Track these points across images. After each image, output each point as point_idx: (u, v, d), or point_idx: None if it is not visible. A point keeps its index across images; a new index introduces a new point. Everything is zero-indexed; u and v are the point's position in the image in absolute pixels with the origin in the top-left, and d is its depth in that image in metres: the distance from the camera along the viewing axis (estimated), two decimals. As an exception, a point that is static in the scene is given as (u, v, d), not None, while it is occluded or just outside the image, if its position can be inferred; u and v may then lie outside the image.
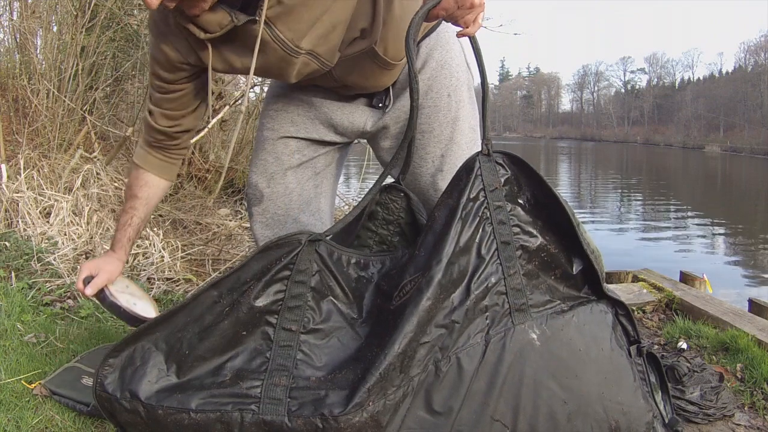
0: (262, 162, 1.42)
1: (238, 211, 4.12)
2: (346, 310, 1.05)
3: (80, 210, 2.93)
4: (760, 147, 44.04)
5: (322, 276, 1.05)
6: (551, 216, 1.09)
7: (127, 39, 4.46)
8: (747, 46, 64.28)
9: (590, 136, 76.28)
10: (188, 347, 1.00)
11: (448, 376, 0.98)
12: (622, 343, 1.11)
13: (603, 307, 1.12)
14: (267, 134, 1.42)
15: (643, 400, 1.10)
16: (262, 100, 6.84)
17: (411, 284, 1.00)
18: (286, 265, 1.03)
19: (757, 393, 1.62)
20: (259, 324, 1.01)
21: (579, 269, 1.11)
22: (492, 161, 1.10)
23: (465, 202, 1.05)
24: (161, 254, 2.61)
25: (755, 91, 56.41)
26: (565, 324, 1.06)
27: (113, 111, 4.78)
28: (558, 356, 1.04)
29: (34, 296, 2.07)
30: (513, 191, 1.10)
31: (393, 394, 0.93)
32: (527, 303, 1.05)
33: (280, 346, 1.00)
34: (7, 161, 3.31)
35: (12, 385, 1.39)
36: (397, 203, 1.25)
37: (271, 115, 1.43)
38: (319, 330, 1.02)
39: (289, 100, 1.40)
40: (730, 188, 18.74)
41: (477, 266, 1.03)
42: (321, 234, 1.08)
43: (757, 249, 8.15)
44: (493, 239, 1.05)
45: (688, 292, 2.41)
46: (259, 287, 1.01)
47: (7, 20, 4.56)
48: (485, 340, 1.01)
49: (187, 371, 1.00)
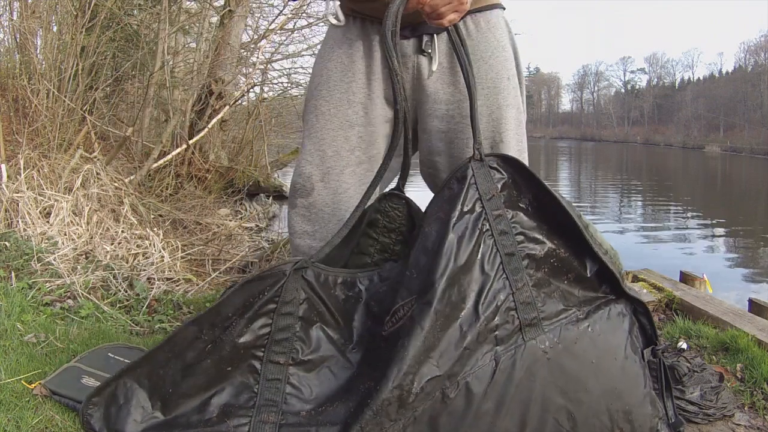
0: (320, 154, 1.29)
1: (238, 211, 4.12)
2: (335, 336, 1.00)
3: (80, 210, 2.93)
4: (760, 147, 44.01)
5: (310, 303, 1.00)
6: (557, 217, 1.03)
7: (127, 39, 4.47)
8: (747, 46, 64.34)
9: (590, 136, 76.23)
10: (171, 384, 0.97)
11: (455, 401, 0.93)
12: (638, 346, 1.07)
13: (621, 308, 1.06)
14: (323, 122, 1.30)
15: (650, 406, 1.07)
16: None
17: (403, 310, 0.95)
18: (270, 299, 0.98)
19: (757, 393, 1.62)
20: (245, 358, 0.97)
21: (594, 271, 1.05)
22: (485, 166, 1.02)
23: (458, 215, 0.98)
24: (161, 254, 2.61)
25: (755, 91, 56.37)
26: (580, 336, 1.01)
27: (113, 111, 4.78)
28: (568, 370, 0.99)
29: (34, 296, 2.07)
30: (512, 196, 1.03)
31: (391, 428, 0.89)
32: (538, 316, 0.99)
33: (268, 379, 0.96)
34: (7, 161, 3.31)
35: (12, 385, 1.39)
36: (398, 211, 1.20)
37: (324, 96, 1.30)
38: (309, 361, 0.98)
39: (343, 69, 1.29)
40: (730, 188, 18.73)
41: (483, 284, 0.96)
42: (307, 260, 1.02)
43: (757, 249, 8.14)
44: (496, 252, 0.98)
45: (688, 292, 2.41)
46: (242, 324, 0.96)
47: (7, 20, 4.56)
48: (494, 360, 0.95)
49: (173, 408, 0.96)
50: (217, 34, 6.01)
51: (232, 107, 4.85)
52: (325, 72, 1.31)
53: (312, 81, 1.35)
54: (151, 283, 2.42)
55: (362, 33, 1.28)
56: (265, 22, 7.15)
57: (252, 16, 7.00)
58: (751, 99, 56.37)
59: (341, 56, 1.29)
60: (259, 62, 6.53)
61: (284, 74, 7.52)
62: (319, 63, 1.34)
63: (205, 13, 6.23)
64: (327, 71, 1.31)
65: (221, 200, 5.13)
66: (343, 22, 1.28)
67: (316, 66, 1.35)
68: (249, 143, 6.55)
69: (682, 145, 55.78)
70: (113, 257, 2.68)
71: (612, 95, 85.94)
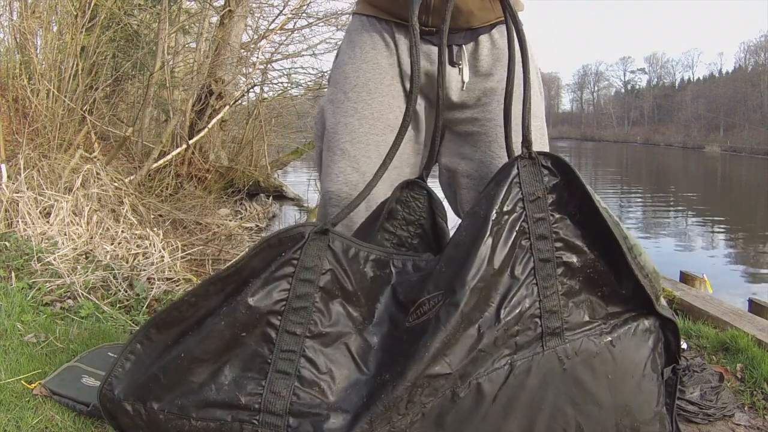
0: (366, 160, 1.21)
1: (238, 211, 4.12)
2: (355, 314, 0.97)
3: (80, 210, 2.93)
4: (760, 147, 44.03)
5: (333, 275, 0.96)
6: (602, 229, 0.99)
7: (127, 39, 4.47)
8: (747, 46, 64.38)
9: (590, 136, 76.25)
10: (185, 350, 0.96)
11: (464, 401, 0.91)
12: (658, 364, 1.03)
13: (649, 324, 1.02)
14: (367, 127, 1.22)
15: (659, 424, 1.05)
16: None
17: (429, 304, 0.93)
18: (287, 261, 0.94)
19: (757, 393, 1.62)
20: (260, 325, 0.95)
21: (630, 288, 1.00)
22: (537, 165, 0.98)
23: (497, 215, 0.94)
24: (161, 254, 2.61)
25: (755, 91, 56.39)
26: (600, 350, 0.98)
27: (113, 111, 4.78)
28: (583, 383, 0.97)
29: (34, 296, 2.07)
30: (563, 199, 0.98)
31: (399, 422, 0.88)
32: (562, 326, 0.96)
33: (283, 350, 0.93)
34: (7, 161, 3.31)
35: (12, 385, 1.39)
36: (420, 201, 1.15)
37: (365, 99, 1.23)
38: (327, 334, 0.95)
39: (381, 71, 1.24)
40: (730, 188, 18.74)
41: (509, 288, 0.93)
42: (326, 223, 0.97)
43: (757, 249, 8.14)
44: (530, 257, 0.95)
45: (688, 292, 2.41)
46: (257, 284, 0.94)
47: (7, 20, 4.56)
48: (510, 365, 0.93)
49: (186, 374, 0.95)
50: (217, 34, 6.01)
51: (232, 107, 4.86)
52: (362, 74, 1.25)
53: (344, 82, 1.27)
54: (151, 283, 2.42)
55: (390, 35, 1.25)
56: (265, 22, 7.17)
57: (252, 16, 7.00)
58: (751, 99, 56.39)
59: (377, 57, 1.25)
60: (259, 62, 6.53)
61: (284, 74, 7.53)
62: (350, 63, 1.27)
63: (205, 13, 6.23)
64: (363, 72, 1.25)
65: (221, 200, 5.13)
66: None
67: (348, 66, 1.28)
68: (249, 143, 6.55)
69: (682, 145, 55.81)
70: (113, 257, 2.68)
71: (612, 95, 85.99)
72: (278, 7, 6.96)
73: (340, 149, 1.23)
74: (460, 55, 1.23)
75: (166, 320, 0.99)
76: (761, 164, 31.47)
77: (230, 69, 6.13)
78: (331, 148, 1.25)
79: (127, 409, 0.97)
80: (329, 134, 1.26)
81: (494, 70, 1.24)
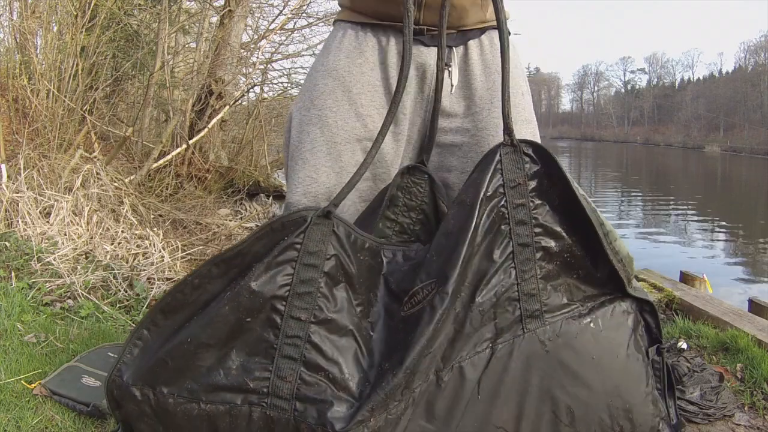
0: (325, 170, 1.17)
1: (238, 211, 4.12)
2: (356, 301, 0.98)
3: (80, 210, 2.93)
4: (760, 147, 44.02)
5: (338, 261, 0.96)
6: (580, 216, 1.01)
7: (127, 39, 4.47)
8: (747, 46, 64.35)
9: (590, 136, 76.27)
10: (191, 335, 0.96)
11: (449, 385, 0.94)
12: (641, 345, 1.06)
13: (626, 306, 1.05)
14: (328, 135, 1.17)
15: (652, 405, 1.06)
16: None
17: (423, 292, 0.95)
18: (290, 245, 0.94)
19: (757, 393, 1.62)
20: (265, 310, 0.94)
21: (605, 272, 1.04)
22: (518, 152, 0.99)
23: (481, 201, 0.96)
24: (161, 254, 2.61)
25: (755, 91, 56.38)
26: (581, 331, 1.00)
27: (113, 111, 4.78)
28: (568, 365, 0.99)
29: (34, 296, 2.07)
30: (543, 186, 1.00)
31: (395, 408, 0.90)
32: (541, 309, 0.99)
33: (288, 336, 0.93)
34: (7, 161, 3.31)
35: (12, 385, 1.39)
36: (420, 187, 1.14)
37: (330, 106, 1.18)
38: (331, 320, 0.95)
39: (351, 79, 1.20)
40: (730, 188, 18.74)
41: (485, 271, 0.96)
42: (328, 206, 0.96)
43: (757, 249, 8.14)
44: (509, 241, 0.97)
45: (688, 292, 2.41)
46: (260, 269, 0.93)
47: (7, 20, 4.56)
48: (492, 349, 0.96)
49: (193, 359, 0.95)
50: (217, 34, 6.01)
51: (232, 107, 4.86)
52: (330, 81, 1.21)
53: (312, 90, 1.23)
54: (151, 283, 2.42)
55: (375, 42, 1.21)
56: (265, 22, 7.17)
57: (252, 16, 7.00)
58: (751, 99, 56.38)
59: (349, 65, 1.21)
60: (259, 62, 6.54)
61: (284, 74, 7.53)
62: (321, 70, 1.23)
63: (205, 13, 6.24)
64: (332, 80, 1.21)
65: (221, 200, 5.13)
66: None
67: (318, 73, 1.24)
68: (249, 143, 6.55)
69: (682, 145, 55.83)
70: (113, 257, 2.68)
71: (612, 95, 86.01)
72: (278, 7, 6.97)
73: (301, 158, 1.19)
74: (451, 57, 1.21)
75: (171, 304, 0.98)
76: (761, 164, 31.47)
77: (230, 69, 6.13)
78: (293, 157, 1.22)
79: (135, 395, 0.96)
80: (293, 142, 1.23)
81: (484, 77, 1.23)
